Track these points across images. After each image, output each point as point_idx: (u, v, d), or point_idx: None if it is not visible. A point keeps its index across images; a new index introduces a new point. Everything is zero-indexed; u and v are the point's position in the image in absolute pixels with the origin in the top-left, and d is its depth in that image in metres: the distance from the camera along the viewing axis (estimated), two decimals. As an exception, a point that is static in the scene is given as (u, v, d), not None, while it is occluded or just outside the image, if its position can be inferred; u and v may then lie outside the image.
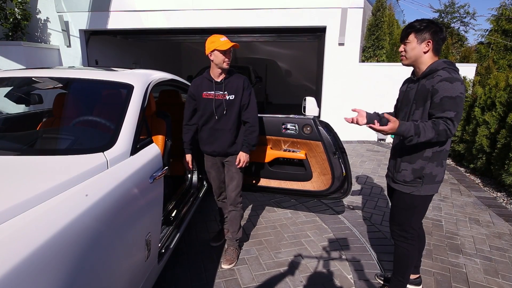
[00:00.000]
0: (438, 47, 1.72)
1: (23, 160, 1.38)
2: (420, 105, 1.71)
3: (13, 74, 2.14)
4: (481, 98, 4.69)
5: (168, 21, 6.69)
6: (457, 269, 2.47)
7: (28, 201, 1.03)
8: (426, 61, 1.72)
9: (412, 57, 1.74)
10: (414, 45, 1.71)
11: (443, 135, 1.59)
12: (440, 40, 1.70)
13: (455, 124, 1.58)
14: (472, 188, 4.15)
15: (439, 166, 1.77)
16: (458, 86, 1.58)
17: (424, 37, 1.68)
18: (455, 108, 1.57)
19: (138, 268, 1.51)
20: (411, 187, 1.81)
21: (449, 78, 1.60)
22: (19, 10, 6.22)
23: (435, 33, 1.68)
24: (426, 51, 1.70)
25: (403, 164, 1.82)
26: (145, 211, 1.58)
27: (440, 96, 1.59)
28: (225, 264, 2.44)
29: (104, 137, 1.65)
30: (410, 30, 1.71)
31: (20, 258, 0.88)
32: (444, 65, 1.67)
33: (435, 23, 1.69)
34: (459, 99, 1.58)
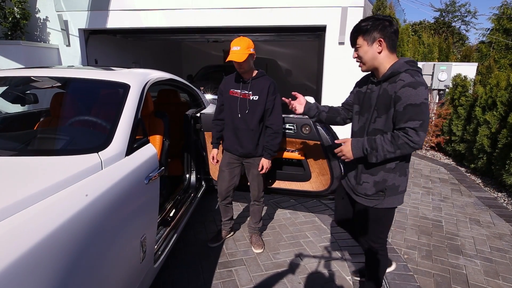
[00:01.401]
0: (393, 43, 1.55)
1: (17, 160, 1.36)
2: (382, 113, 1.56)
3: (9, 73, 2.12)
4: (482, 98, 4.66)
5: (167, 20, 6.67)
6: (457, 271, 2.44)
7: (19, 203, 1.01)
8: (384, 62, 1.56)
9: (369, 61, 1.58)
10: (365, 48, 1.56)
11: (405, 148, 1.47)
12: (392, 34, 1.53)
13: (420, 134, 1.44)
14: (473, 188, 4.13)
15: (402, 176, 1.66)
16: (422, 92, 1.45)
17: (373, 37, 1.53)
18: (420, 117, 1.44)
19: (133, 270, 1.49)
20: (374, 200, 1.69)
21: (412, 83, 1.46)
22: (18, 9, 6.19)
23: (384, 29, 1.52)
24: (380, 51, 1.54)
25: (364, 175, 1.68)
26: (140, 212, 1.56)
27: (403, 104, 1.46)
28: (257, 248, 2.62)
29: (99, 137, 1.64)
30: (357, 34, 1.58)
31: (12, 259, 0.86)
32: (407, 66, 1.52)
33: (381, 18, 1.54)
34: (424, 106, 1.45)
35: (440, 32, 11.78)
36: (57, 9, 6.69)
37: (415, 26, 12.29)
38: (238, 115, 2.35)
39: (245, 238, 2.84)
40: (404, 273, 2.38)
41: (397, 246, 2.74)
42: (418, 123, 1.44)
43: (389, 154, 1.50)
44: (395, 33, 1.55)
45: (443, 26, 12.99)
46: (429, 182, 4.34)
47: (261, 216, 2.70)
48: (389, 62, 1.56)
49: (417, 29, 11.52)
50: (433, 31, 11.90)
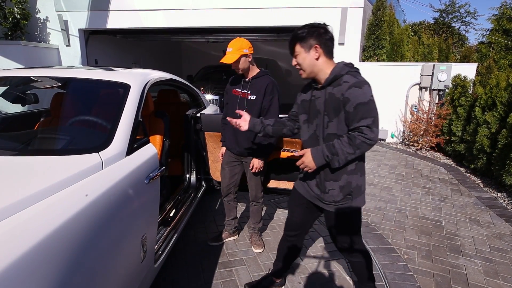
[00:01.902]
0: (329, 49, 1.60)
1: (18, 160, 1.36)
2: (333, 117, 1.58)
3: (10, 73, 2.12)
4: (481, 98, 4.66)
5: (168, 20, 6.67)
6: (457, 270, 2.45)
7: (19, 203, 1.01)
8: (323, 68, 1.60)
9: (308, 68, 1.61)
10: (304, 56, 1.59)
11: (364, 146, 1.49)
12: (327, 41, 1.58)
13: (374, 130, 1.48)
14: (473, 189, 4.13)
15: (362, 175, 1.70)
16: (367, 90, 1.51)
17: (310, 44, 1.56)
18: (371, 114, 1.48)
19: (133, 269, 1.49)
20: (342, 205, 1.70)
21: (357, 83, 1.51)
22: (18, 10, 6.20)
23: (320, 36, 1.56)
24: (317, 57, 1.58)
25: (328, 183, 1.67)
26: (140, 212, 1.56)
27: (353, 104, 1.49)
28: (257, 248, 2.63)
29: (99, 137, 1.64)
30: (294, 41, 1.60)
31: (12, 259, 0.86)
32: (347, 68, 1.58)
33: (316, 26, 1.58)
34: (372, 103, 1.50)
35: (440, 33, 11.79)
36: (57, 9, 6.70)
37: (414, 27, 12.30)
38: (237, 114, 2.35)
39: (245, 238, 2.84)
40: (404, 273, 2.38)
41: (397, 246, 2.74)
42: (370, 120, 1.48)
43: (350, 155, 1.52)
44: (330, 40, 1.60)
45: (443, 26, 13.01)
46: (429, 182, 4.35)
47: (261, 216, 2.70)
48: (328, 67, 1.60)
49: (417, 30, 11.52)
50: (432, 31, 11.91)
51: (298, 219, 1.94)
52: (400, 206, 3.56)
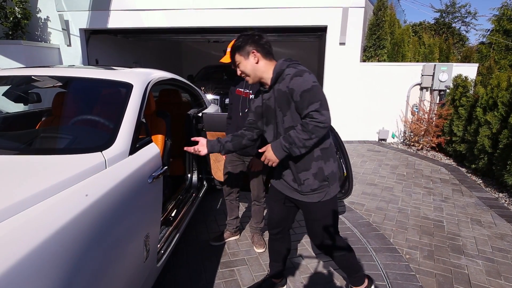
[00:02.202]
0: (266, 51, 1.66)
1: (21, 159, 1.36)
2: (286, 110, 1.63)
3: (12, 72, 2.12)
4: (483, 98, 4.66)
5: (168, 20, 6.67)
6: (459, 271, 2.44)
7: (24, 201, 1.01)
8: (266, 69, 1.66)
9: (251, 73, 1.67)
10: (245, 63, 1.66)
11: (318, 130, 1.52)
12: (264, 44, 1.65)
13: (324, 113, 1.51)
14: (474, 189, 4.13)
15: (335, 161, 1.75)
16: (308, 77, 1.55)
17: (247, 51, 1.64)
18: (317, 98, 1.52)
19: (136, 269, 1.49)
20: (321, 193, 1.71)
21: (297, 72, 1.57)
22: (19, 9, 6.20)
23: (255, 42, 1.64)
24: (257, 61, 1.65)
25: (301, 174, 1.70)
26: (143, 211, 1.56)
27: (298, 93, 1.54)
28: (259, 248, 2.62)
29: (102, 136, 1.64)
30: (233, 52, 1.68)
31: (16, 259, 0.86)
32: (287, 62, 1.64)
33: (250, 34, 1.66)
34: (315, 88, 1.53)
35: (440, 33, 11.78)
36: (58, 9, 6.70)
37: (415, 27, 12.30)
38: (239, 113, 2.37)
39: (246, 238, 2.84)
40: (406, 273, 2.38)
41: (398, 246, 2.74)
42: (318, 104, 1.51)
43: (307, 141, 1.55)
44: (266, 43, 1.67)
45: (443, 27, 13.01)
46: (430, 182, 4.35)
47: (263, 216, 2.70)
48: (270, 68, 1.66)
49: (417, 30, 11.52)
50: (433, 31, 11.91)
51: (278, 215, 1.97)
52: (402, 206, 3.55)
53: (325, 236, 1.83)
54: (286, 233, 2.04)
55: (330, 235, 1.83)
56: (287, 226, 2.01)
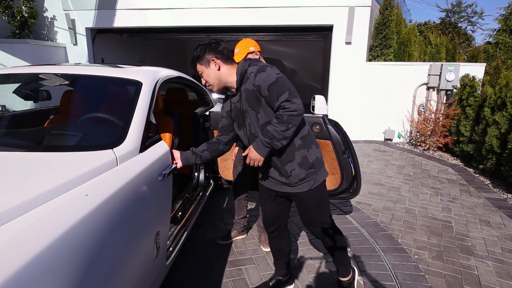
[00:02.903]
0: (226, 56, 1.69)
1: (34, 156, 1.36)
2: (258, 107, 1.63)
3: (20, 70, 2.13)
4: (491, 98, 4.62)
5: (174, 19, 6.68)
6: (468, 271, 2.42)
7: (39, 198, 1.01)
8: (228, 74, 1.68)
9: (215, 81, 1.69)
10: (207, 71, 1.67)
11: (293, 119, 1.53)
12: (222, 50, 1.68)
13: (294, 101, 1.52)
14: (482, 189, 4.09)
15: (317, 148, 1.78)
16: (271, 70, 1.57)
17: (207, 59, 1.66)
18: (284, 88, 1.53)
19: (147, 266, 1.48)
20: (310, 181, 1.73)
21: (259, 68, 1.58)
22: (27, 8, 6.23)
23: (213, 49, 1.66)
24: (218, 68, 1.66)
25: (287, 166, 1.71)
26: (154, 209, 1.56)
27: (265, 87, 1.55)
28: (266, 247, 2.61)
29: (113, 134, 1.64)
30: (194, 62, 1.70)
31: (30, 257, 0.86)
32: (247, 62, 1.66)
33: (207, 43, 1.69)
34: (281, 79, 1.54)
35: (446, 33, 11.70)
36: (64, 8, 6.73)
37: (420, 27, 12.22)
38: None
39: (254, 237, 2.83)
40: (415, 274, 2.36)
41: (407, 247, 2.72)
42: (287, 94, 1.52)
43: (285, 132, 1.55)
44: (225, 49, 1.70)
45: (449, 26, 12.91)
46: (437, 182, 4.31)
47: None
48: (233, 71, 1.68)
49: (423, 30, 11.44)
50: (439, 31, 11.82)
51: (271, 213, 1.98)
52: (409, 207, 3.53)
53: (320, 222, 1.87)
54: (283, 230, 2.06)
55: (325, 220, 1.88)
56: (282, 222, 2.02)
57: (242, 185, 2.58)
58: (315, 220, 1.88)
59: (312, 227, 1.91)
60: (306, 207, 1.84)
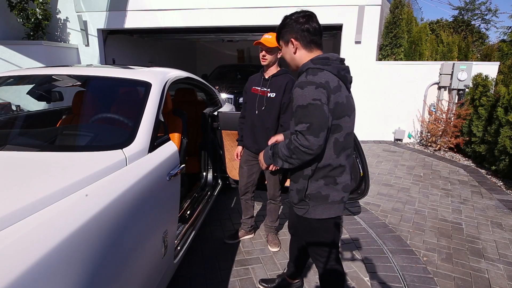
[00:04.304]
0: (305, 41, 1.50)
1: (45, 156, 1.40)
2: (292, 115, 1.48)
3: (34, 72, 2.19)
4: (504, 98, 4.52)
5: (183, 20, 6.73)
6: (479, 274, 2.38)
7: (49, 196, 1.04)
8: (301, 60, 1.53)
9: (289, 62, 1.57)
10: (284, 51, 1.58)
11: (298, 152, 1.37)
12: (304, 32, 1.49)
13: (309, 138, 1.33)
14: (494, 191, 4.02)
15: (330, 184, 1.50)
16: (309, 92, 1.34)
17: (286, 39, 1.53)
18: (306, 119, 1.34)
19: (155, 265, 1.51)
20: (301, 209, 1.57)
21: (301, 83, 1.38)
22: (40, 10, 6.37)
23: (297, 28, 1.50)
24: (295, 51, 1.52)
25: (291, 183, 1.61)
26: (162, 208, 1.58)
27: (294, 105, 1.40)
28: (274, 247, 2.63)
29: (122, 134, 1.67)
30: (277, 37, 1.59)
31: (43, 252, 0.89)
32: (310, 65, 1.44)
33: (294, 18, 1.53)
34: (312, 107, 1.33)
35: (459, 31, 11.49)
36: (77, 10, 6.85)
37: (432, 25, 12.02)
38: (255, 111, 2.37)
39: (261, 236, 2.84)
40: (424, 276, 2.33)
41: (415, 248, 2.69)
42: (305, 126, 1.35)
43: (287, 158, 1.44)
44: (308, 31, 1.50)
45: (462, 24, 12.66)
46: (448, 183, 4.25)
47: (278, 215, 2.70)
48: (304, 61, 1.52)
49: (435, 28, 11.26)
50: (452, 29, 11.61)
51: (289, 218, 1.95)
52: (419, 208, 3.49)
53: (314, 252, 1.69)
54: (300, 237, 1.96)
55: (316, 254, 1.68)
56: None
57: (248, 185, 2.59)
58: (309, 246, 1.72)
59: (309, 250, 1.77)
60: (298, 226, 1.73)
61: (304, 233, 1.68)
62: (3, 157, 1.36)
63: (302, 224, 1.64)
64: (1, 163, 1.30)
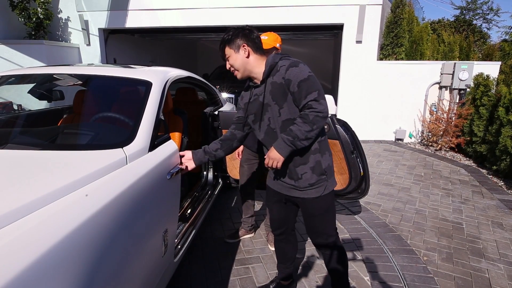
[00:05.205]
0: (257, 46, 1.64)
1: (46, 154, 1.41)
2: (282, 102, 1.58)
3: (35, 71, 2.19)
4: (505, 98, 4.51)
5: (184, 19, 6.74)
6: (479, 274, 2.38)
7: (50, 195, 1.05)
8: (257, 64, 1.63)
9: (241, 67, 1.63)
10: (235, 56, 1.63)
11: (318, 121, 1.49)
12: (255, 39, 1.63)
13: (322, 102, 1.50)
14: (495, 191, 4.01)
15: (330, 155, 1.71)
16: (303, 67, 1.53)
17: (237, 44, 1.61)
18: (314, 87, 1.50)
19: (155, 263, 1.51)
20: (320, 187, 1.66)
21: (292, 63, 1.54)
22: (42, 10, 6.38)
23: (246, 36, 1.61)
24: (248, 55, 1.61)
25: (299, 169, 1.64)
26: (162, 206, 1.59)
27: (295, 83, 1.51)
28: (273, 246, 2.58)
29: (123, 133, 1.67)
30: (223, 45, 1.65)
31: (43, 250, 0.89)
32: (279, 55, 1.61)
33: (241, 27, 1.64)
34: (312, 77, 1.51)
35: (461, 31, 11.47)
36: (78, 10, 6.87)
37: (433, 25, 12.00)
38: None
39: (261, 236, 2.85)
40: (424, 275, 2.33)
41: (416, 248, 2.69)
42: (316, 94, 1.49)
43: (309, 133, 1.51)
44: (257, 38, 1.65)
45: (464, 24, 12.64)
46: (449, 183, 4.24)
47: None
48: (261, 62, 1.64)
49: (436, 28, 11.24)
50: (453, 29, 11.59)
51: (278, 216, 1.92)
52: (419, 207, 3.49)
53: (323, 232, 1.78)
54: (290, 234, 1.98)
55: (329, 232, 1.79)
56: (289, 226, 1.95)
57: (248, 184, 2.59)
58: (319, 229, 1.79)
59: (314, 236, 1.83)
60: (312, 214, 1.75)
61: (320, 213, 1.73)
62: (3, 156, 1.37)
63: (317, 206, 1.70)
64: (2, 161, 1.31)
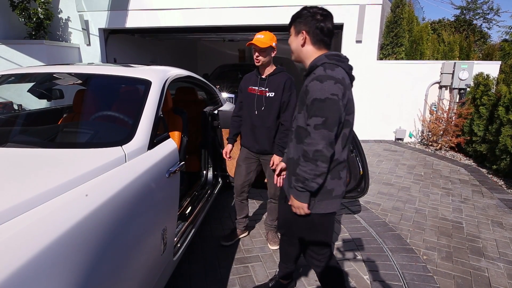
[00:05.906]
0: (319, 38, 1.49)
1: (46, 153, 1.41)
2: (301, 108, 1.47)
3: (35, 70, 2.20)
4: (505, 97, 4.51)
5: (184, 19, 6.74)
6: (478, 273, 2.38)
7: (49, 192, 1.05)
8: (309, 55, 1.51)
9: (295, 52, 1.54)
10: (292, 38, 1.54)
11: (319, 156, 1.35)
12: (320, 29, 1.48)
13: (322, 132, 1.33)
14: (495, 190, 4.01)
15: (335, 178, 1.50)
16: (328, 86, 1.33)
17: (298, 29, 1.50)
18: (324, 113, 1.33)
19: (154, 261, 1.52)
20: None
21: (320, 76, 1.36)
22: (42, 10, 6.39)
23: (310, 24, 1.48)
24: (303, 43, 1.50)
25: (293, 178, 1.54)
26: (161, 205, 1.59)
27: (310, 97, 1.37)
28: (273, 245, 2.63)
29: (122, 131, 1.68)
30: (291, 21, 1.55)
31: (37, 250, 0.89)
32: (325, 60, 1.44)
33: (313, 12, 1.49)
34: (329, 101, 1.32)
35: (461, 31, 11.46)
36: (78, 10, 6.87)
37: (434, 25, 11.99)
38: (255, 112, 2.36)
39: (261, 235, 2.85)
40: (424, 274, 2.33)
41: (415, 247, 2.69)
42: (320, 120, 1.33)
43: (316, 169, 1.38)
44: (324, 29, 1.49)
45: (464, 24, 12.63)
46: (449, 183, 4.24)
47: None
48: (314, 56, 1.51)
49: (436, 28, 11.23)
50: (453, 29, 11.58)
51: (281, 216, 1.90)
52: (419, 207, 3.49)
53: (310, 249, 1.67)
54: (293, 237, 1.90)
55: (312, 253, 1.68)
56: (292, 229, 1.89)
57: (244, 184, 2.57)
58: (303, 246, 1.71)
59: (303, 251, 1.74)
60: (295, 227, 1.68)
61: (302, 230, 1.65)
62: (3, 154, 1.37)
63: (302, 221, 1.58)
64: (1, 159, 1.31)
